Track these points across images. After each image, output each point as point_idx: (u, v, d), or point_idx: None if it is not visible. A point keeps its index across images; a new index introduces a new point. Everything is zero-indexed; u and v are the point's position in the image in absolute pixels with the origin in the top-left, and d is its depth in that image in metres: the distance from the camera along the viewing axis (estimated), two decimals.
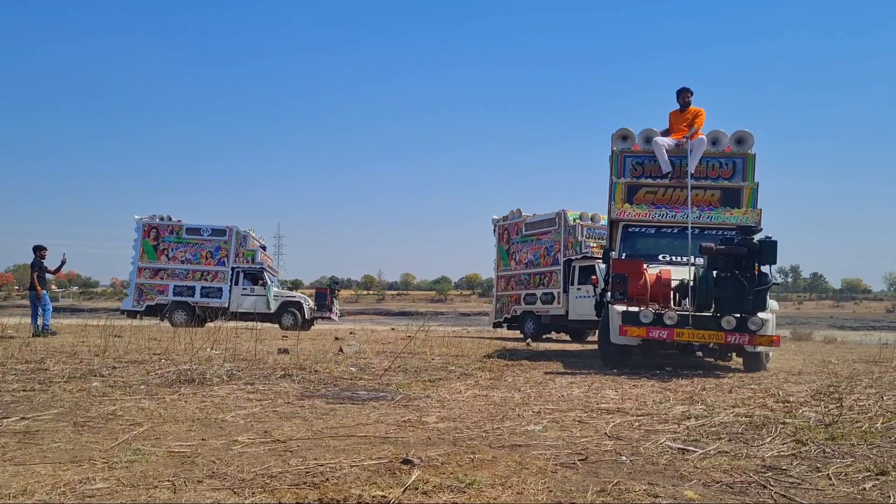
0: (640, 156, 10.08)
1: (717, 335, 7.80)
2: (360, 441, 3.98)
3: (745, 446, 3.96)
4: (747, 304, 7.80)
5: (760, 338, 7.74)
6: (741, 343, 7.79)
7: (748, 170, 9.78)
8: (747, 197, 9.66)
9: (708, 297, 8.01)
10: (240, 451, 3.66)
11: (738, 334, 7.75)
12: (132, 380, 6.41)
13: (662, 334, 7.92)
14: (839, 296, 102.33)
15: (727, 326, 7.75)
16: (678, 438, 4.15)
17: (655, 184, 9.92)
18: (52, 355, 8.33)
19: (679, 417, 4.89)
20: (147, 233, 21.67)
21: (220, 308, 20.76)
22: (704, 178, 9.79)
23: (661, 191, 9.88)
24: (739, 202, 9.63)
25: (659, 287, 8.39)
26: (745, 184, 9.69)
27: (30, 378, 6.41)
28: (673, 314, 8.00)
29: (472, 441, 4.02)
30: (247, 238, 21.52)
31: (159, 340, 10.84)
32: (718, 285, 7.98)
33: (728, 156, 9.86)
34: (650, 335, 7.98)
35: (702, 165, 9.82)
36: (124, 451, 3.59)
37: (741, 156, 9.84)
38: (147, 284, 21.41)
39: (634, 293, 8.30)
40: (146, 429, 4.20)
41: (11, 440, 3.84)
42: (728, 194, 9.72)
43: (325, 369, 7.58)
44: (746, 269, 7.84)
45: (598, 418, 4.86)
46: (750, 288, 7.79)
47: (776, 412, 5.14)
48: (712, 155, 9.84)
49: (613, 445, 3.95)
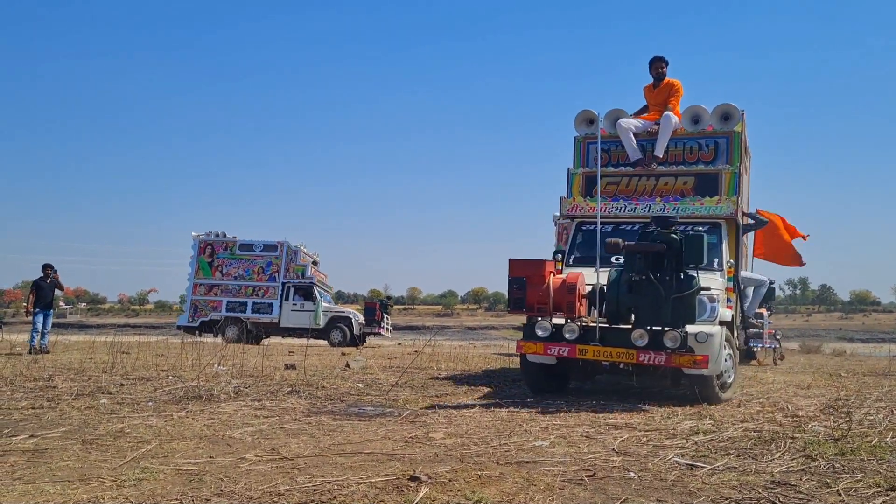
0: (607, 142, 8.63)
1: (628, 353, 6.32)
2: (368, 458, 3.97)
3: (754, 462, 3.95)
4: (665, 313, 6.31)
5: (680, 357, 6.15)
6: (656, 363, 6.27)
7: (733, 151, 8.25)
8: (727, 183, 8.05)
9: (620, 306, 6.62)
10: (247, 469, 3.67)
11: (652, 352, 6.24)
12: (140, 397, 6.42)
13: (562, 351, 6.54)
14: (848, 308, 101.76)
15: (638, 342, 6.31)
16: (686, 454, 4.14)
17: (617, 173, 8.45)
18: (60, 372, 8.35)
19: (687, 432, 4.87)
20: (203, 249, 21.71)
21: (270, 324, 20.79)
22: (681, 163, 8.35)
23: (623, 181, 8.42)
24: (717, 189, 8.03)
25: (563, 293, 6.79)
26: (724, 167, 8.10)
27: (38, 395, 6.43)
28: (574, 327, 6.59)
29: (480, 457, 4.01)
30: (297, 253, 21.44)
31: (166, 357, 10.86)
32: (634, 291, 6.53)
33: (709, 135, 8.35)
34: (548, 352, 6.62)
35: (677, 149, 8.40)
36: (133, 469, 3.60)
37: (725, 135, 8.30)
38: (202, 300, 21.44)
39: (535, 301, 6.84)
40: (154, 446, 4.21)
41: (21, 458, 3.86)
42: (704, 181, 8.13)
43: (331, 385, 7.58)
44: (667, 271, 6.40)
45: (605, 433, 4.84)
46: (667, 294, 6.29)
47: (785, 427, 5.12)
48: (692, 135, 8.39)
49: (621, 461, 3.94)
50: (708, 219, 7.88)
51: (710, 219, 7.87)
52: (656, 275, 6.39)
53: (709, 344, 6.40)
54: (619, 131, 8.52)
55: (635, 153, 8.43)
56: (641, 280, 6.45)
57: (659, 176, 8.22)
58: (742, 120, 8.40)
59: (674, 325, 6.25)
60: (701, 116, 8.35)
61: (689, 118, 8.39)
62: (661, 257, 6.45)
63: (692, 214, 7.87)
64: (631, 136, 8.47)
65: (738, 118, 8.29)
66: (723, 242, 7.74)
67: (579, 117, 8.82)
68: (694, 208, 7.92)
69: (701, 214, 7.89)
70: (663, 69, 8.67)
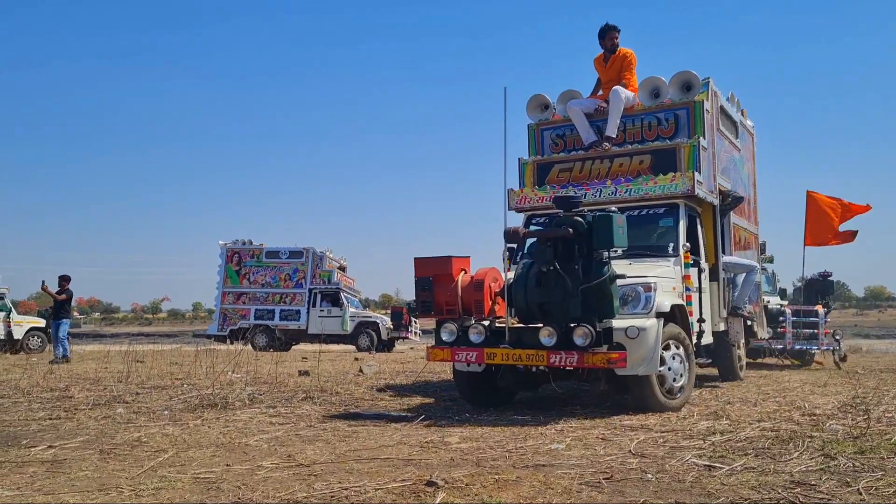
0: (561, 127, 8.03)
1: (538, 355, 5.62)
2: (384, 463, 3.98)
3: (773, 461, 3.92)
4: (574, 307, 5.60)
5: (592, 356, 5.40)
6: (567, 364, 5.53)
7: (695, 123, 7.38)
8: (686, 158, 7.14)
9: (529, 303, 5.92)
10: (264, 476, 3.68)
11: (563, 353, 5.50)
12: (155, 406, 6.45)
13: (470, 356, 5.90)
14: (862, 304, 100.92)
15: (546, 342, 5.62)
16: (704, 455, 4.11)
17: (570, 158, 7.73)
18: (76, 382, 8.40)
19: (704, 433, 4.84)
20: (230, 258, 21.73)
21: (298, 330, 20.75)
22: (638, 141, 7.57)
23: (577, 166, 7.65)
24: (676, 166, 7.17)
25: (470, 292, 6.20)
26: (682, 141, 7.24)
27: (55, 406, 6.47)
28: (480, 329, 5.95)
29: (496, 461, 4.01)
30: (323, 259, 21.36)
31: (181, 365, 10.90)
32: (543, 285, 5.84)
33: (668, 108, 7.53)
34: (455, 358, 6.00)
35: (635, 126, 7.62)
36: (150, 479, 3.62)
37: (684, 106, 7.46)
38: (230, 309, 21.45)
39: (443, 303, 6.24)
40: (171, 455, 4.23)
41: (40, 469, 3.88)
42: (661, 158, 7.27)
43: (345, 391, 7.59)
44: (578, 259, 5.70)
45: (621, 435, 4.82)
46: (575, 286, 5.60)
47: (803, 426, 5.08)
48: (650, 110, 7.59)
49: (638, 463, 3.93)
50: (663, 199, 7.09)
51: (665, 199, 7.08)
52: (565, 264, 5.70)
53: (641, 340, 5.74)
54: (570, 113, 7.85)
55: (589, 135, 7.68)
56: (549, 272, 5.76)
57: (613, 157, 7.49)
58: (709, 89, 7.73)
59: (585, 320, 5.53)
60: (661, 89, 7.56)
61: (647, 92, 7.59)
62: (571, 244, 5.76)
63: (646, 195, 7.12)
64: (583, 117, 7.75)
65: (700, 87, 7.55)
66: (679, 224, 6.93)
67: (532, 103, 8.26)
68: (648, 188, 7.13)
69: (655, 194, 7.10)
70: (615, 39, 7.83)
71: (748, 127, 9.80)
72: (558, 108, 8.15)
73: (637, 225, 6.84)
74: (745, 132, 9.61)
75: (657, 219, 7.10)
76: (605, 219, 5.66)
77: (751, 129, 9.95)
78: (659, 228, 7.07)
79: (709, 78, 7.78)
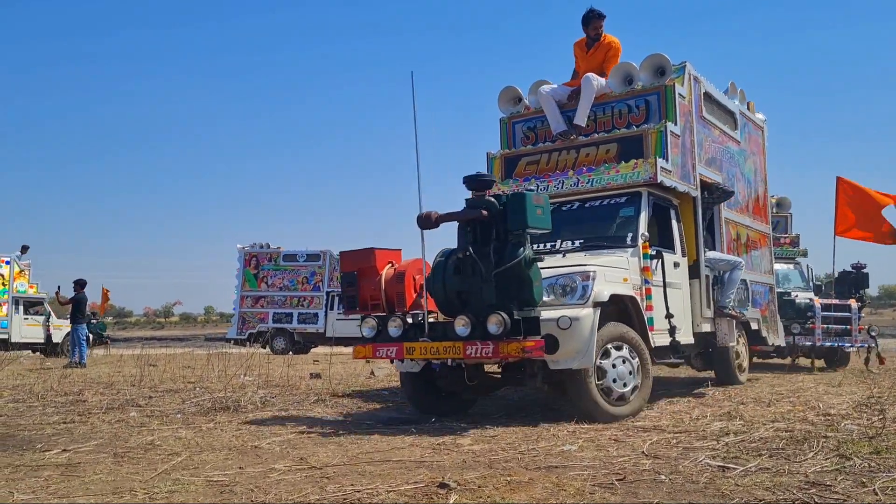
0: (533, 118, 7.67)
1: (454, 347, 5.23)
2: (396, 465, 3.98)
3: (787, 462, 3.89)
4: (488, 293, 5.26)
5: (507, 345, 4.99)
6: (483, 355, 5.13)
7: (667, 108, 6.96)
8: (653, 144, 6.74)
9: (447, 292, 5.54)
10: (277, 479, 3.68)
11: (478, 343, 5.12)
12: (168, 409, 6.49)
13: (390, 352, 5.56)
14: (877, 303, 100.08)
15: (461, 332, 5.21)
16: (717, 455, 4.09)
17: (536, 150, 7.39)
18: (90, 386, 8.46)
19: (717, 433, 4.81)
20: (248, 261, 21.74)
21: (316, 334, 20.71)
22: (610, 129, 7.14)
23: (544, 158, 7.30)
24: (643, 154, 6.77)
25: (393, 285, 5.92)
26: (648, 127, 6.85)
27: (69, 410, 6.52)
28: (399, 322, 5.62)
29: (508, 463, 4.00)
30: None
31: (193, 368, 10.95)
32: (461, 272, 5.49)
33: (639, 94, 7.14)
34: (377, 354, 5.63)
35: (606, 115, 7.23)
36: (164, 482, 3.63)
37: (655, 91, 7.06)
38: (249, 313, 21.49)
39: (367, 297, 5.97)
40: (184, 458, 4.25)
41: (54, 473, 3.91)
42: (627, 146, 6.87)
43: (357, 393, 7.60)
44: (494, 242, 5.36)
45: (634, 436, 4.80)
46: (489, 271, 5.27)
47: (817, 426, 5.04)
48: (621, 97, 7.20)
49: (651, 464, 3.91)
50: (624, 188, 6.72)
51: (627, 188, 6.71)
52: (480, 249, 5.37)
53: (573, 331, 5.32)
54: (540, 100, 7.47)
55: (558, 124, 7.28)
56: (465, 258, 5.44)
57: (580, 147, 7.13)
58: (687, 74, 7.35)
59: (501, 307, 5.14)
60: (633, 75, 7.18)
61: (619, 78, 7.21)
62: (487, 227, 5.43)
63: (608, 185, 6.76)
64: (553, 105, 7.34)
65: (672, 71, 7.18)
66: (640, 214, 6.52)
67: (503, 96, 7.89)
68: (610, 177, 6.75)
69: (617, 184, 6.72)
70: (600, 27, 7.42)
71: (756, 120, 9.39)
72: (530, 99, 7.81)
73: (598, 215, 6.73)
74: (751, 125, 9.21)
75: (619, 208, 6.71)
76: (517, 198, 5.33)
77: (759, 123, 9.50)
78: (619, 218, 6.67)
79: (685, 62, 7.40)
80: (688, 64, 7.39)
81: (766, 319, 9.03)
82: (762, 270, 9.16)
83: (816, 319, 11.00)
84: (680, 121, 7.04)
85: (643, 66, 7.15)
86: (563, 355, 5.36)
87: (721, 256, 7.71)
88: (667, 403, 6.55)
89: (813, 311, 11.07)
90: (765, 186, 9.55)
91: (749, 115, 9.15)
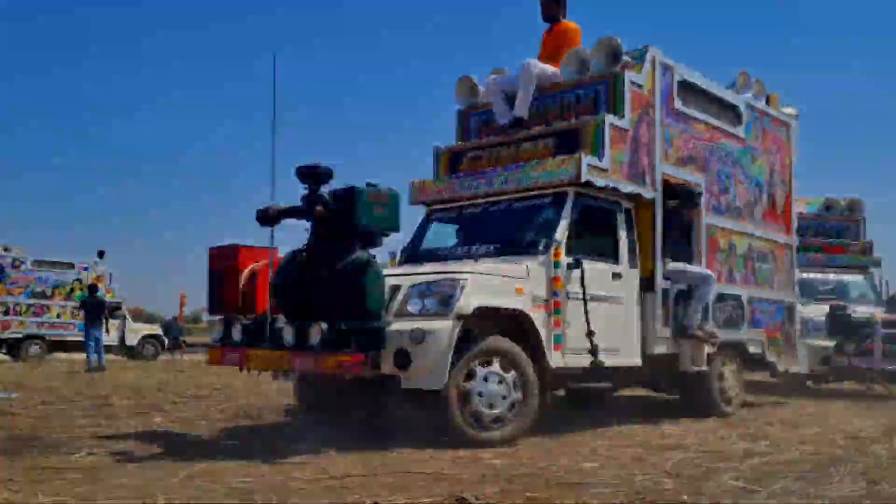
0: (488, 111, 6.96)
1: (283, 357, 4.90)
2: (416, 478, 3.97)
3: (813, 486, 3.82)
4: (315, 299, 4.96)
5: (327, 358, 4.63)
6: (306, 368, 4.84)
7: (614, 97, 6.27)
8: (589, 139, 6.04)
9: (288, 294, 5.19)
10: (297, 488, 3.70)
11: (302, 354, 4.76)
12: (193, 415, 6.55)
13: (234, 358, 5.20)
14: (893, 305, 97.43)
15: (288, 341, 4.84)
16: (741, 477, 4.03)
17: (480, 145, 6.76)
18: (117, 391, 8.58)
19: (742, 455, 4.74)
20: None
21: None
22: (550, 123, 6.43)
23: (486, 153, 6.63)
24: (581, 147, 6.00)
25: (251, 287, 5.67)
26: (587, 119, 6.11)
27: (96, 414, 6.61)
28: (239, 326, 5.28)
29: (528, 478, 3.97)
30: None
31: (219, 375, 11.05)
32: (301, 273, 5.16)
33: (589, 83, 6.44)
34: (224, 360, 5.30)
35: (555, 105, 6.53)
36: (185, 488, 3.67)
37: (603, 79, 6.35)
38: None
39: (228, 298, 5.71)
40: (206, 465, 4.28)
41: (79, 476, 3.96)
42: (565, 140, 6.14)
43: None
44: (331, 243, 4.99)
45: (657, 455, 4.75)
46: (319, 274, 4.96)
47: (845, 449, 4.95)
48: (572, 86, 6.52)
49: (674, 484, 3.86)
50: (551, 187, 6.03)
51: (554, 187, 6.02)
52: (317, 249, 5.02)
53: (427, 346, 4.78)
54: (488, 90, 6.89)
55: (505, 114, 6.60)
56: (304, 258, 5.08)
57: (521, 142, 6.46)
58: (651, 61, 6.57)
59: (326, 315, 4.74)
60: (586, 62, 6.50)
61: (574, 66, 6.53)
62: (329, 225, 5.02)
63: (534, 183, 6.09)
64: (500, 95, 6.71)
65: (628, 57, 6.51)
66: (561, 217, 5.85)
67: (460, 86, 7.25)
68: (537, 175, 6.06)
69: (541, 182, 6.04)
70: (554, 9, 6.84)
71: (777, 115, 8.27)
72: (486, 87, 7.13)
73: (521, 218, 6.16)
74: (766, 120, 8.09)
75: (542, 210, 6.07)
76: (348, 193, 4.91)
77: (782, 118, 8.37)
78: (539, 222, 6.04)
79: (648, 46, 6.62)
80: (651, 48, 6.61)
81: (775, 342, 7.87)
82: (774, 285, 7.98)
83: (875, 338, 9.23)
84: (632, 113, 6.31)
85: (594, 51, 6.43)
86: (416, 373, 4.81)
87: (687, 269, 6.76)
88: (692, 422, 6.46)
89: (872, 329, 9.32)
90: (787, 189, 8.35)
91: (764, 108, 8.08)
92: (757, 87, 8.02)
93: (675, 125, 6.86)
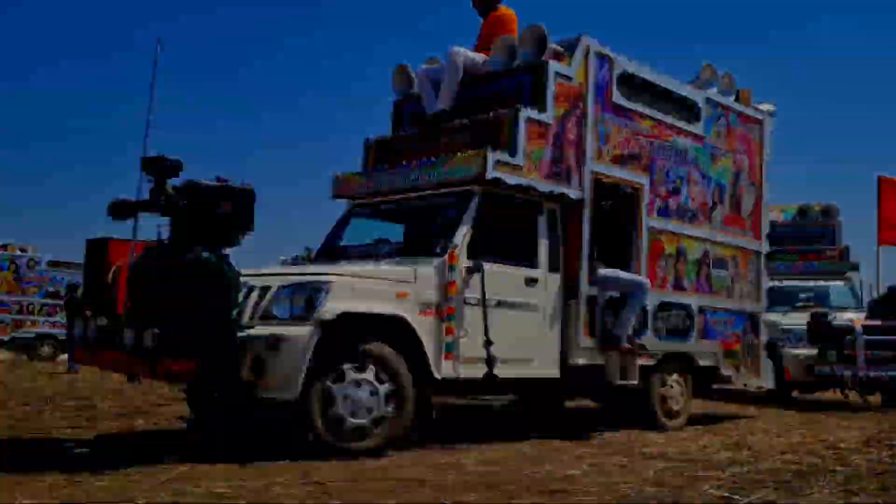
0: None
1: (121, 360, 4.59)
2: (398, 484, 3.96)
3: (793, 495, 3.85)
4: (152, 300, 4.62)
5: (159, 366, 4.25)
6: (140, 373, 4.61)
7: (537, 90, 5.87)
8: (506, 132, 5.66)
9: (136, 294, 4.86)
10: (279, 493, 3.68)
11: (139, 360, 4.36)
12: (174, 418, 6.51)
13: (89, 359, 4.99)
14: None
15: (128, 343, 4.40)
16: (722, 486, 4.05)
17: (405, 137, 6.46)
18: (99, 392, 8.50)
19: (724, 463, 4.77)
20: None
21: None
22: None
23: (411, 146, 6.26)
24: (496, 142, 5.63)
25: (115, 283, 5.27)
26: (503, 112, 5.73)
27: (77, 415, 6.55)
28: (81, 324, 4.94)
29: (510, 485, 3.98)
30: None
31: None
32: (152, 272, 4.81)
33: (514, 75, 6.08)
34: (82, 361, 4.92)
35: (481, 97, 6.15)
36: (166, 492, 3.64)
37: (528, 72, 5.98)
38: None
39: (97, 294, 5.36)
40: (187, 469, 4.25)
41: (59, 479, 3.92)
42: (482, 135, 5.73)
43: None
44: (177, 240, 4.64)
45: (639, 463, 4.77)
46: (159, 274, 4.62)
47: (826, 459, 4.99)
48: (497, 77, 6.21)
49: (656, 492, 3.88)
50: (459, 185, 5.65)
51: (460, 184, 5.65)
52: (166, 247, 4.63)
53: (282, 354, 4.48)
54: (417, 80, 6.58)
55: (433, 104, 6.26)
56: (157, 253, 4.78)
57: (441, 135, 6.11)
58: (584, 51, 6.15)
59: (164, 317, 4.33)
60: (514, 52, 6.16)
61: (503, 55, 6.18)
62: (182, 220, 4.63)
63: (443, 180, 5.72)
64: (429, 85, 6.37)
65: (555, 46, 6.12)
66: (463, 217, 5.48)
67: (396, 76, 6.85)
68: (446, 171, 5.70)
69: (447, 179, 5.70)
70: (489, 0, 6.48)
71: (746, 111, 7.70)
72: None
73: (426, 217, 5.92)
74: (733, 116, 7.54)
75: (446, 209, 5.75)
76: (190, 189, 4.57)
77: (753, 115, 7.78)
78: (441, 221, 5.74)
79: (581, 36, 6.18)
80: (585, 38, 6.17)
81: (733, 355, 7.33)
82: (735, 294, 7.42)
83: (858, 344, 8.89)
84: (557, 107, 5.90)
85: (521, 40, 6.07)
86: (272, 383, 4.50)
87: (620, 275, 6.37)
88: (674, 431, 6.49)
89: (855, 335, 8.98)
90: (756, 192, 7.76)
91: (729, 104, 7.53)
92: (725, 82, 7.52)
93: (614, 121, 6.39)
